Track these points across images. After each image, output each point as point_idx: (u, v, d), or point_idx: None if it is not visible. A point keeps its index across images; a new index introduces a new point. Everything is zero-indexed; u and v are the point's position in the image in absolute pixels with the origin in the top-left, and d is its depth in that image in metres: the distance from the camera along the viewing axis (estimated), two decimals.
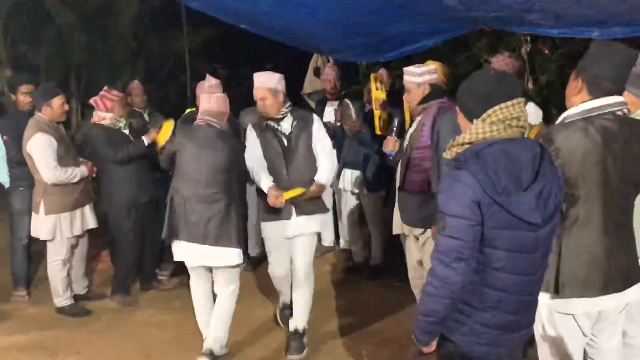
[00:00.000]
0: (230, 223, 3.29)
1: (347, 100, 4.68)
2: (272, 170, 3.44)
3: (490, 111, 1.79)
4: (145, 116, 5.09)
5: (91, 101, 4.22)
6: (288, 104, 3.46)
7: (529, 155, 1.76)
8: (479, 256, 1.76)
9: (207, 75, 4.41)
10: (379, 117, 4.23)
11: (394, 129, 3.94)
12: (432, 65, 3.36)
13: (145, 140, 4.18)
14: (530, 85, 4.42)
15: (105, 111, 4.13)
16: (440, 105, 3.15)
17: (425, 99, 3.23)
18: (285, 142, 3.44)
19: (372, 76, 4.26)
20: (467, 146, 1.81)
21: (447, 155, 1.88)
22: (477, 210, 1.71)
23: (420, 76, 3.25)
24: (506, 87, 1.81)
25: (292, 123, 3.46)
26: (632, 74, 2.20)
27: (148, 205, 4.37)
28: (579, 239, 2.12)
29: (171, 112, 5.18)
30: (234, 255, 3.32)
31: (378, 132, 4.28)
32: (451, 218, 1.74)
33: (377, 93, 4.23)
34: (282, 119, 3.43)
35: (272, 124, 3.43)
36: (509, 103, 1.78)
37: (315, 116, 3.62)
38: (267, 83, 3.36)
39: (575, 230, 2.12)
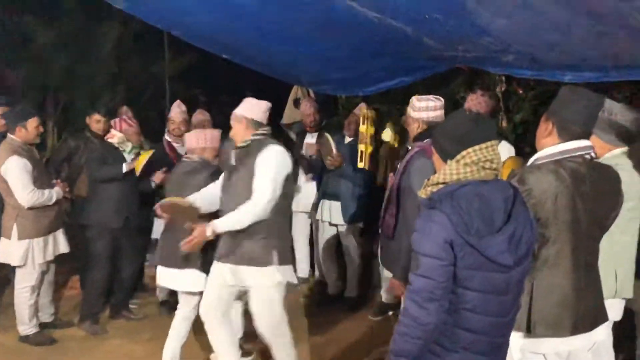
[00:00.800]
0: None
1: (326, 134, 4.73)
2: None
3: (464, 152, 1.82)
4: None
5: (111, 122, 4.37)
6: (257, 132, 3.16)
7: (501, 197, 1.78)
8: (452, 297, 1.77)
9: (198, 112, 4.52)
10: (363, 152, 4.29)
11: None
12: (437, 102, 3.05)
13: (124, 167, 4.16)
14: (504, 124, 4.52)
15: (119, 131, 4.24)
16: (420, 148, 2.94)
17: (417, 137, 3.05)
18: (229, 173, 3.23)
19: (361, 112, 4.32)
20: (441, 186, 1.83)
21: (422, 194, 1.90)
22: (450, 251, 1.72)
23: (417, 111, 3.05)
24: (481, 130, 1.84)
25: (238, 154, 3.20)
26: (599, 119, 2.29)
27: (125, 231, 4.30)
28: (549, 280, 2.16)
29: (151, 136, 5.16)
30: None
31: (361, 166, 4.33)
32: (424, 258, 1.75)
33: (363, 128, 4.29)
34: (243, 147, 3.15)
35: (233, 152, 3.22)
36: (482, 145, 1.81)
37: (268, 150, 3.11)
38: (236, 109, 3.20)
39: (546, 271, 2.15)
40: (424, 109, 3.03)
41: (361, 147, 4.33)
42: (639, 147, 2.67)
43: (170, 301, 4.47)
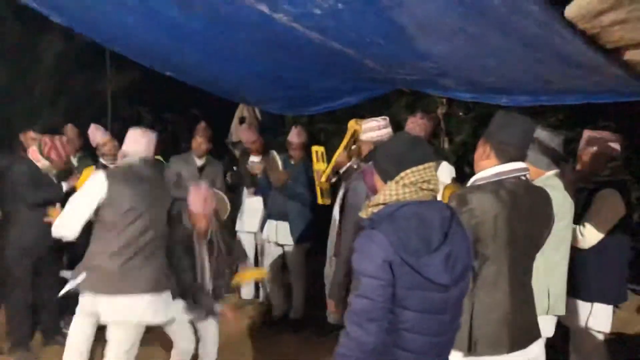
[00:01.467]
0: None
1: (273, 152, 4.72)
2: None
3: (402, 174, 1.86)
4: (74, 161, 4.91)
5: (43, 139, 4.04)
6: None
7: (439, 218, 1.82)
8: (391, 316, 1.78)
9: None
10: (321, 189, 4.29)
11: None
12: (382, 121, 3.23)
13: (65, 186, 4.01)
14: (445, 145, 4.64)
15: (45, 157, 3.98)
16: (362, 171, 3.01)
17: (366, 158, 3.14)
18: None
19: (313, 149, 4.33)
20: (381, 207, 1.86)
21: (363, 214, 1.92)
22: (388, 270, 1.74)
23: (364, 132, 3.23)
24: (418, 152, 1.89)
25: None
26: (530, 147, 2.39)
27: (49, 255, 4.13)
28: (489, 298, 2.21)
29: (93, 154, 5.01)
30: None
31: (321, 202, 4.32)
32: (364, 278, 1.76)
33: (318, 165, 4.28)
34: None
35: None
36: (420, 167, 1.85)
37: None
38: None
39: (486, 290, 2.21)
40: (369, 129, 3.23)
41: (318, 184, 4.31)
42: (567, 168, 2.81)
43: None
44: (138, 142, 3.20)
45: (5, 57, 8.87)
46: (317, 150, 4.32)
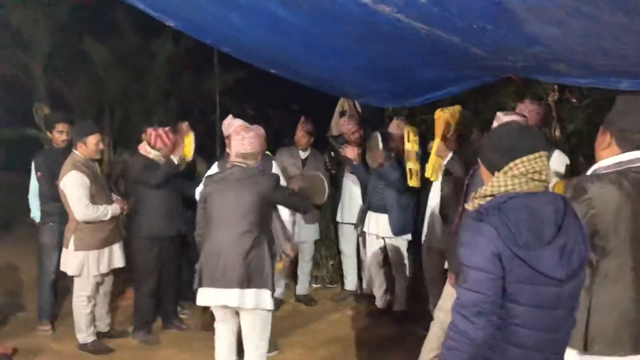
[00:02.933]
0: (264, 265, 3.20)
1: (377, 132, 4.70)
2: None
3: (512, 164, 1.79)
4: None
5: (148, 131, 4.38)
6: None
7: (551, 209, 1.74)
8: (501, 311, 1.73)
9: (230, 116, 4.53)
10: (410, 170, 4.25)
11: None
12: (522, 118, 3.25)
13: (175, 159, 4.26)
14: (557, 134, 4.39)
15: (151, 147, 4.26)
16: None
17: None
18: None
19: (405, 130, 4.29)
20: (489, 198, 1.81)
21: (470, 207, 1.88)
22: (498, 263, 1.69)
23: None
24: (528, 141, 1.81)
25: None
26: None
27: (173, 241, 4.41)
28: (609, 295, 2.08)
29: (200, 151, 5.28)
30: (266, 298, 3.21)
31: (411, 184, 4.29)
32: (472, 271, 1.72)
33: (409, 145, 4.25)
34: None
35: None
36: (530, 157, 1.78)
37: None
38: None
39: (607, 285, 2.08)
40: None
41: (409, 165, 4.28)
42: None
43: None
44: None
45: (123, 61, 9.57)
46: (409, 130, 4.26)
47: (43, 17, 8.85)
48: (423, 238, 4.27)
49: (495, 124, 3.16)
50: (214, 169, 3.89)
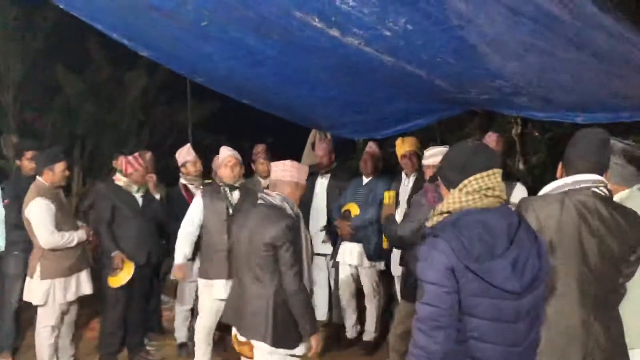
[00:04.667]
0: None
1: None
2: (211, 233, 3.82)
3: (466, 181, 1.85)
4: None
5: (119, 159, 4.43)
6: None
7: (504, 224, 1.79)
8: (459, 325, 1.76)
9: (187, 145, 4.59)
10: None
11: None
12: (439, 147, 3.59)
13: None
14: (521, 166, 4.54)
15: (123, 174, 4.27)
16: (425, 189, 3.28)
17: (430, 179, 3.45)
18: (231, 210, 3.80)
19: (385, 193, 4.33)
20: (446, 215, 1.86)
21: (429, 224, 1.92)
22: (452, 277, 1.73)
23: (425, 159, 3.62)
24: (481, 159, 1.87)
25: (240, 194, 3.87)
26: (611, 163, 2.31)
27: (143, 269, 4.35)
28: (556, 310, 2.14)
29: (172, 182, 5.28)
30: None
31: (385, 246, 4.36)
32: (428, 285, 1.76)
33: (387, 209, 4.29)
34: (235, 188, 3.85)
35: (227, 190, 3.84)
36: (484, 174, 1.83)
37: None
38: (236, 154, 3.93)
39: (553, 300, 2.15)
40: (433, 155, 3.54)
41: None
42: None
43: (189, 344, 4.49)
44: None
45: (95, 92, 9.55)
46: (389, 195, 4.32)
47: (15, 46, 8.80)
48: (392, 267, 4.32)
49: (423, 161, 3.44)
50: (198, 196, 4.04)
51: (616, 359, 2.18)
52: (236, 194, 3.87)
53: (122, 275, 4.17)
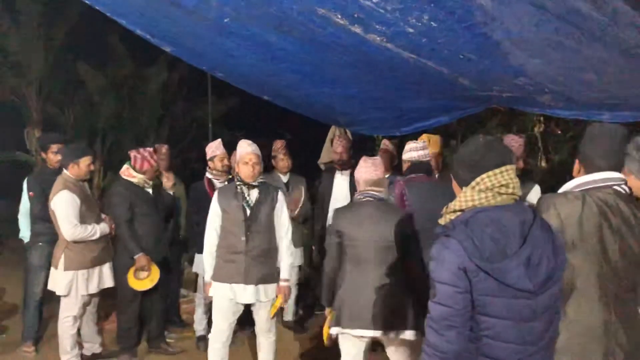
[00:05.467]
0: None
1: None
2: (228, 235, 3.55)
3: (478, 179, 1.82)
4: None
5: (131, 153, 4.33)
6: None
7: (517, 222, 1.75)
8: (473, 324, 1.74)
9: (218, 140, 4.60)
10: None
11: None
12: (419, 143, 3.63)
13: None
14: (543, 164, 4.49)
15: (137, 170, 4.27)
16: (395, 182, 3.52)
17: (404, 173, 3.59)
18: (249, 211, 3.54)
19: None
20: (458, 213, 1.83)
21: (441, 221, 1.89)
22: (463, 277, 1.71)
23: (403, 153, 3.63)
24: (494, 155, 1.82)
25: (258, 194, 3.60)
26: (631, 157, 2.28)
27: (160, 265, 4.39)
28: (576, 308, 2.13)
29: (190, 177, 5.32)
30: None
31: None
32: (440, 285, 1.74)
33: None
34: (254, 187, 3.58)
35: (244, 189, 3.56)
36: (497, 171, 1.80)
37: (280, 193, 3.73)
38: (256, 150, 3.59)
39: (573, 298, 2.13)
40: (407, 150, 3.60)
41: None
42: None
43: (208, 337, 4.52)
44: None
45: (117, 87, 9.66)
46: None
47: (38, 41, 8.93)
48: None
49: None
50: (215, 196, 3.69)
51: (637, 359, 2.17)
52: (254, 193, 3.59)
53: (147, 282, 4.19)
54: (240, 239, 3.51)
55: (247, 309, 3.73)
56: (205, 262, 3.63)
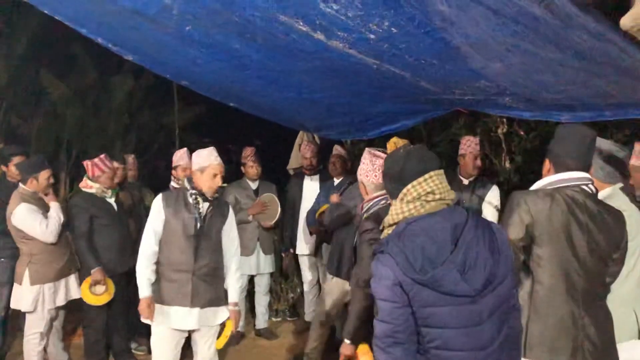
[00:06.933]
0: None
1: None
2: (172, 249, 3.24)
3: (405, 190, 1.82)
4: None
5: (84, 163, 4.26)
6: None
7: (449, 227, 1.73)
8: (419, 337, 1.72)
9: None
10: None
11: None
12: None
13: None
14: (507, 165, 4.58)
15: (91, 179, 4.18)
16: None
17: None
18: (199, 224, 3.25)
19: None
20: (394, 227, 1.82)
21: (383, 236, 1.90)
22: (400, 292, 1.70)
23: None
24: (414, 164, 1.83)
25: (210, 207, 3.34)
26: (594, 159, 2.37)
27: (124, 277, 4.33)
28: (545, 302, 2.19)
29: (159, 185, 5.27)
30: None
31: None
32: (380, 302, 1.74)
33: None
34: (207, 200, 3.31)
35: (200, 200, 3.28)
36: (420, 179, 1.80)
37: (231, 208, 3.55)
38: (221, 162, 3.38)
39: (542, 293, 2.19)
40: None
41: None
42: (626, 183, 2.73)
43: None
44: None
45: (81, 96, 9.48)
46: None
47: None
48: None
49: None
50: (158, 201, 3.36)
51: (606, 352, 2.23)
52: (205, 206, 3.31)
53: (104, 296, 4.09)
54: (188, 256, 3.20)
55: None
56: (141, 275, 3.24)
